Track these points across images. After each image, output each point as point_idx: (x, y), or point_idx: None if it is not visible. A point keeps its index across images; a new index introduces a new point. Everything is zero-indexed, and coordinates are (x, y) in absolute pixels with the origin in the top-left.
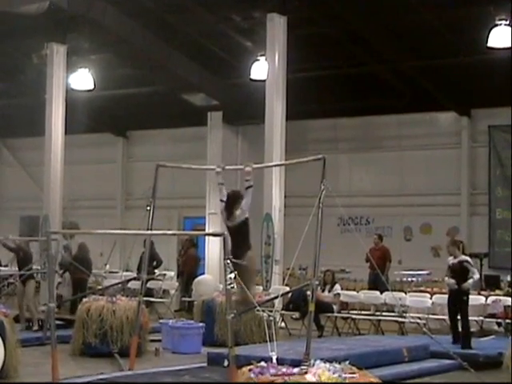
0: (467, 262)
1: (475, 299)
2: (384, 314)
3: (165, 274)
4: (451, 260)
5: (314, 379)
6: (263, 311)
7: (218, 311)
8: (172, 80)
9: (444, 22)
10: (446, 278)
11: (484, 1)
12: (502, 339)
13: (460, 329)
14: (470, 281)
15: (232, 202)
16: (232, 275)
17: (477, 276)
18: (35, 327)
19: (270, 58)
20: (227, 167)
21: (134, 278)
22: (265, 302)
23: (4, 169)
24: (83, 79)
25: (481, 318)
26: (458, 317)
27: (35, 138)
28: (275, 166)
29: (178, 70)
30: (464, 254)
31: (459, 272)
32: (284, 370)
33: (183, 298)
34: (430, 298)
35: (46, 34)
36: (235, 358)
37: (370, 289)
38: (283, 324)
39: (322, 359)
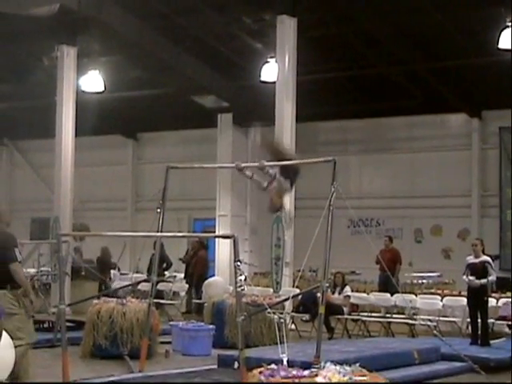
0: (489, 262)
1: None
2: (394, 316)
3: (175, 276)
4: (471, 259)
5: (324, 381)
6: (274, 313)
7: (228, 313)
8: (182, 82)
9: (455, 23)
10: (465, 277)
11: (494, 2)
12: None
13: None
14: (489, 278)
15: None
16: (242, 277)
17: (494, 278)
18: None
19: (280, 60)
20: (243, 164)
21: (145, 280)
22: (275, 304)
23: (15, 171)
24: (93, 81)
25: (491, 320)
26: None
27: (46, 140)
28: (285, 164)
29: (188, 71)
30: (485, 254)
31: (480, 272)
32: (294, 372)
33: (193, 300)
34: (441, 300)
35: (57, 36)
36: (245, 360)
37: (380, 291)
38: (293, 326)
39: (332, 361)
